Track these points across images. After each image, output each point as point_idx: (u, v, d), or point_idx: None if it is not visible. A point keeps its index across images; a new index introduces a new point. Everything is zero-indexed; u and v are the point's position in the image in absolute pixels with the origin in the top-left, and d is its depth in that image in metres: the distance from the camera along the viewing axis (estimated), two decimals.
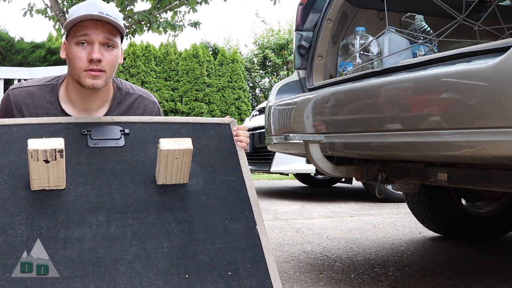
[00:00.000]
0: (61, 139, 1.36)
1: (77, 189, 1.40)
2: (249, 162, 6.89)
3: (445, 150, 1.38)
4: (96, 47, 1.53)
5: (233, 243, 1.42)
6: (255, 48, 13.78)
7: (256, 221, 1.48)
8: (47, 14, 7.31)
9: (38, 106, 1.64)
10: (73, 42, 1.55)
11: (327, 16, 2.32)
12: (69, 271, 1.28)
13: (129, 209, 1.41)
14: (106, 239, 1.34)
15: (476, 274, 2.26)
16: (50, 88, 1.66)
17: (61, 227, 1.33)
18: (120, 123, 1.55)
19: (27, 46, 8.59)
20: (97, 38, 1.53)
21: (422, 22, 2.26)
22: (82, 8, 1.54)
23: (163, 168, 1.44)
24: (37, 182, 1.36)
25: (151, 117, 1.62)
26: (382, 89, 1.61)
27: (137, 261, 1.33)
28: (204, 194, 1.49)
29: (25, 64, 8.27)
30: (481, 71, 1.25)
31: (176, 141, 1.43)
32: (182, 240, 1.39)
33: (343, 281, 2.15)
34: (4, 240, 1.28)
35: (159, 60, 10.60)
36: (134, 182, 1.46)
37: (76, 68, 1.55)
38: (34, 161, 1.32)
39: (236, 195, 1.52)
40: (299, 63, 2.39)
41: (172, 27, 7.22)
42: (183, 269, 1.35)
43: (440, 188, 2.84)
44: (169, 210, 1.43)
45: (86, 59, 1.53)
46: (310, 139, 1.86)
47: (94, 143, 1.49)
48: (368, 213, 4.16)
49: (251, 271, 1.39)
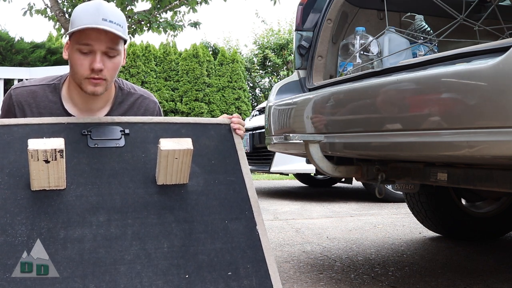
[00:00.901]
0: (61, 139, 1.36)
1: (77, 189, 1.40)
2: (249, 162, 6.89)
3: (445, 150, 1.38)
4: (98, 56, 1.52)
5: (233, 243, 1.42)
6: (255, 48, 13.78)
7: (256, 221, 1.48)
8: (46, 14, 7.31)
9: (41, 105, 1.64)
10: (75, 48, 1.54)
11: (327, 16, 2.32)
12: (69, 271, 1.28)
13: (129, 209, 1.40)
14: (106, 239, 1.34)
15: (476, 274, 2.26)
16: (52, 87, 1.66)
17: (61, 227, 1.33)
18: (121, 123, 1.54)
19: (27, 46, 8.58)
20: (99, 48, 1.52)
21: (422, 22, 2.26)
22: (86, 13, 1.53)
23: (163, 168, 1.44)
24: (37, 182, 1.36)
25: (151, 117, 1.61)
26: (382, 89, 1.61)
27: (137, 261, 1.33)
28: (204, 195, 1.49)
29: (25, 64, 8.27)
30: (481, 71, 1.25)
31: (176, 141, 1.43)
32: (182, 240, 1.39)
33: (343, 281, 2.15)
34: (4, 240, 1.28)
35: (159, 60, 10.60)
36: (134, 182, 1.46)
37: (77, 74, 1.56)
38: (34, 161, 1.32)
39: (236, 195, 1.52)
40: (299, 63, 2.39)
41: (172, 27, 7.22)
42: (183, 269, 1.35)
43: (440, 188, 2.84)
44: (169, 210, 1.43)
45: (88, 67, 1.53)
46: (310, 139, 1.86)
47: (94, 144, 1.49)
48: (368, 213, 4.16)
49: (251, 271, 1.39)
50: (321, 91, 2.02)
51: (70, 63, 1.59)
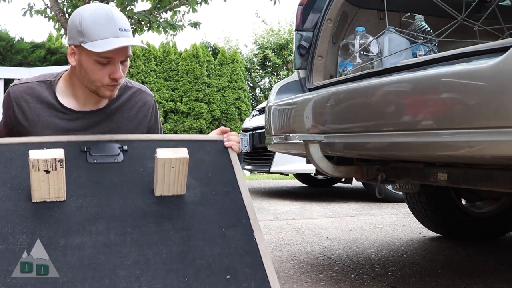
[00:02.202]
0: (61, 150, 1.40)
1: (77, 201, 1.44)
2: (249, 162, 6.89)
3: (445, 150, 1.38)
4: (118, 66, 1.59)
5: (230, 249, 1.44)
6: (255, 48, 13.78)
7: (253, 228, 1.51)
8: (46, 14, 7.31)
9: (37, 100, 1.67)
10: (93, 59, 1.57)
11: (327, 16, 2.32)
12: (69, 276, 1.30)
13: (128, 218, 1.44)
14: (105, 246, 1.37)
15: (476, 274, 2.26)
16: (48, 84, 1.70)
17: (61, 235, 1.36)
18: (119, 141, 1.60)
19: (27, 46, 8.58)
20: (119, 58, 1.59)
21: (422, 22, 2.26)
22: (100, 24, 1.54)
23: (160, 178, 1.47)
24: (38, 193, 1.39)
25: (149, 135, 1.68)
26: (382, 89, 1.61)
27: (136, 266, 1.35)
28: (201, 204, 1.52)
29: (25, 64, 8.27)
30: (481, 71, 1.25)
31: (173, 150, 1.47)
32: (180, 246, 1.42)
33: (343, 281, 2.15)
34: (6, 248, 1.31)
35: (159, 60, 10.60)
36: (133, 194, 1.49)
37: (95, 82, 1.60)
38: (35, 171, 1.36)
39: (233, 204, 1.55)
40: (299, 63, 2.39)
41: (172, 27, 7.23)
42: (182, 273, 1.36)
43: (440, 188, 2.84)
44: (167, 219, 1.46)
45: (107, 76, 1.59)
46: (310, 139, 1.86)
47: (93, 159, 1.54)
48: (368, 213, 4.16)
49: (250, 275, 1.40)
50: (321, 91, 2.02)
51: (82, 70, 1.61)
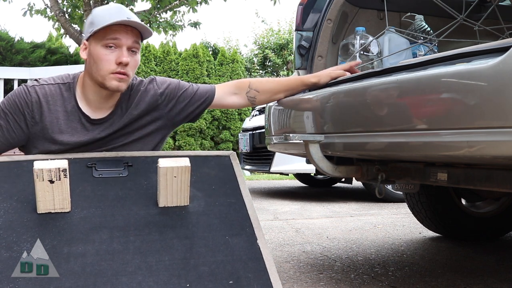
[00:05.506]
0: (65, 160, 1.43)
1: (81, 212, 1.46)
2: (249, 162, 6.90)
3: (445, 150, 1.38)
4: (125, 51, 1.60)
5: (234, 256, 1.45)
6: (255, 48, 13.79)
7: (257, 236, 1.52)
8: (46, 14, 7.31)
9: (57, 103, 1.68)
10: (100, 44, 1.60)
11: (327, 16, 2.32)
12: (71, 281, 1.31)
13: (131, 227, 1.45)
14: (108, 253, 1.38)
15: (476, 274, 2.26)
16: (67, 86, 1.71)
17: (64, 244, 1.38)
18: (124, 157, 1.63)
19: (27, 46, 8.59)
20: (126, 42, 1.60)
21: (422, 22, 2.26)
22: (109, 13, 1.60)
23: (163, 188, 1.48)
24: (43, 204, 1.41)
25: (153, 151, 1.72)
26: (382, 89, 1.61)
27: (138, 272, 1.36)
28: (205, 215, 1.54)
29: (25, 64, 8.27)
30: (481, 71, 1.25)
31: (174, 160, 1.49)
32: (183, 253, 1.42)
33: (343, 281, 2.15)
34: (10, 256, 1.32)
35: (159, 60, 10.60)
36: (137, 205, 1.51)
37: (102, 70, 1.60)
38: (40, 181, 1.38)
39: (237, 214, 1.56)
40: (299, 63, 2.39)
41: (172, 27, 7.23)
42: (184, 279, 1.37)
43: (440, 188, 2.84)
44: (170, 228, 1.48)
45: (114, 61, 1.59)
46: (310, 139, 1.86)
47: (98, 174, 1.57)
48: (368, 213, 4.16)
49: (253, 280, 1.40)
50: (321, 91, 2.02)
51: (91, 61, 1.63)
